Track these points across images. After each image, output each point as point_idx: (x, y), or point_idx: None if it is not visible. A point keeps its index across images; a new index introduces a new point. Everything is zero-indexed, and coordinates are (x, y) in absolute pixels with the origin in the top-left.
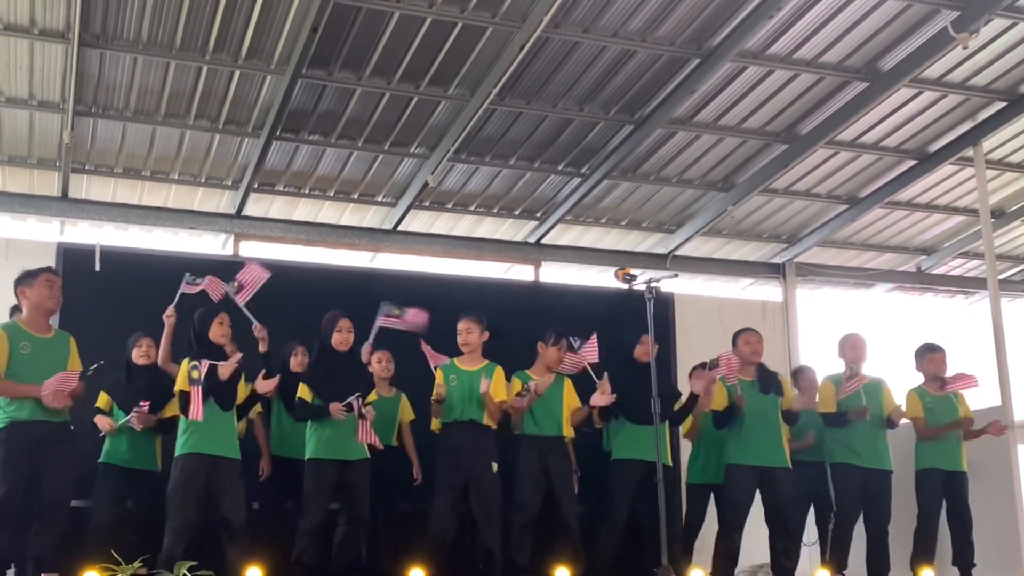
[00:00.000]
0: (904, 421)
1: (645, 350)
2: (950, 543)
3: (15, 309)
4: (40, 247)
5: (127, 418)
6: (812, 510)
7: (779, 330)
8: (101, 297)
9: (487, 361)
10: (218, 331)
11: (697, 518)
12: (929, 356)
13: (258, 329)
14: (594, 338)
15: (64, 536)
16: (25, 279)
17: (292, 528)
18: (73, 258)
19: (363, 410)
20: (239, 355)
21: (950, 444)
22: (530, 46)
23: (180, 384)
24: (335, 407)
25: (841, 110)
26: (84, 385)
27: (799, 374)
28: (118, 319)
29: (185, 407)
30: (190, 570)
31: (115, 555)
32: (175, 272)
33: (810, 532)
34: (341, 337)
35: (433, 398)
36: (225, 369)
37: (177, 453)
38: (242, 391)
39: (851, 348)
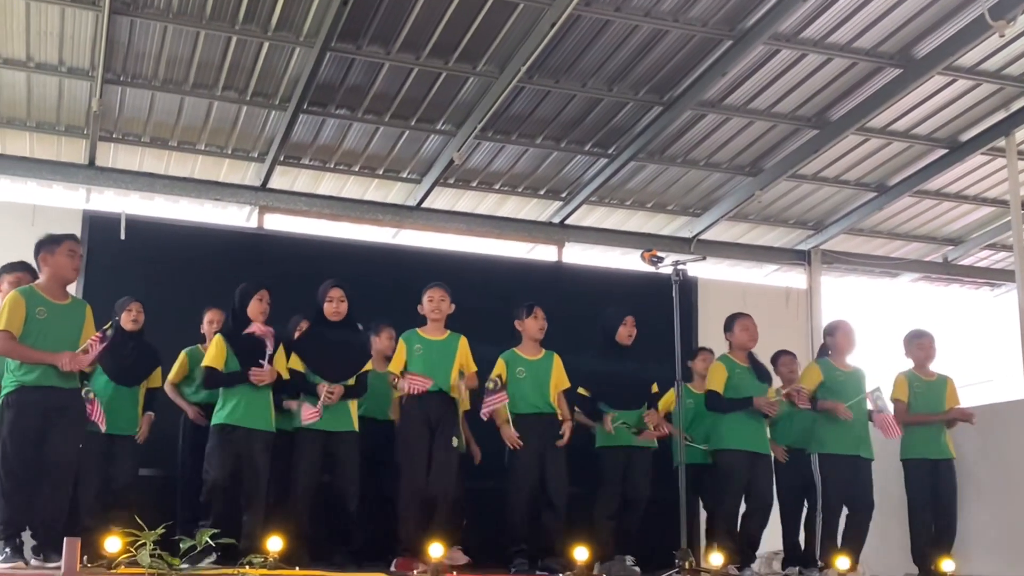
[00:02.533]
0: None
1: (628, 332)
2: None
3: (11, 267)
4: (66, 214)
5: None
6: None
7: (803, 317)
8: (125, 265)
9: (449, 332)
10: (256, 308)
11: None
12: (917, 342)
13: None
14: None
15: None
16: (47, 245)
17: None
18: (99, 226)
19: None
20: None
21: (934, 432)
22: (561, 24)
23: (210, 360)
24: (322, 389)
25: (873, 96)
26: (102, 352)
27: (779, 359)
28: (142, 287)
29: (214, 383)
30: (212, 538)
31: (138, 520)
32: (199, 242)
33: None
34: (332, 307)
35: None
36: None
37: (213, 423)
38: (283, 368)
39: (843, 335)
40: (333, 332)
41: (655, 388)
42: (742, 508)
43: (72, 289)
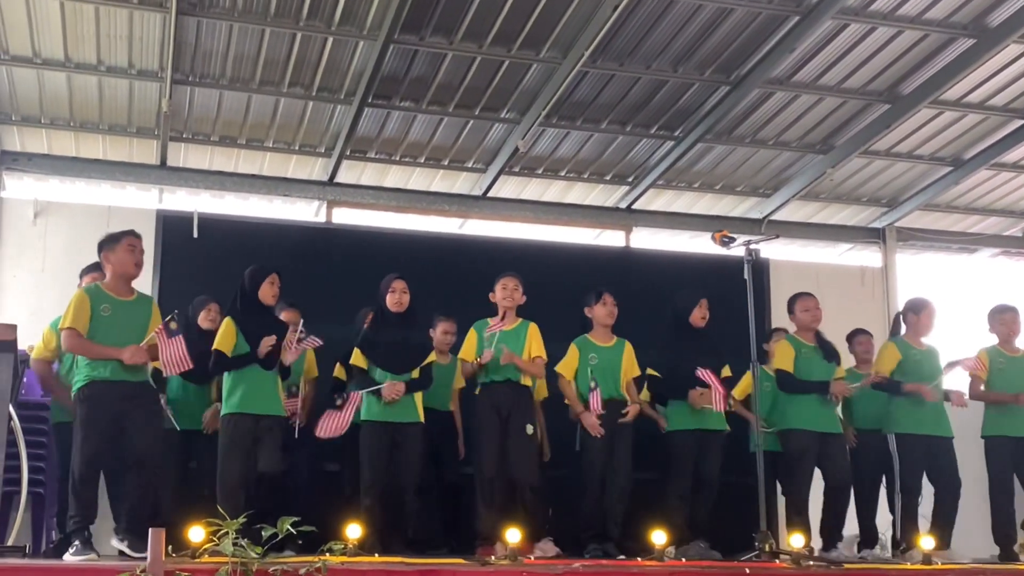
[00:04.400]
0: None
1: (702, 314)
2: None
3: (89, 269)
4: (140, 214)
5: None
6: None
7: (879, 297)
8: (199, 263)
9: (521, 320)
10: (268, 291)
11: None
12: (1000, 316)
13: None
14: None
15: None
16: (108, 243)
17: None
18: (172, 225)
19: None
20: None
21: (1019, 410)
22: (624, 6)
23: (217, 343)
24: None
25: (946, 68)
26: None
27: (855, 338)
28: (215, 284)
29: (220, 367)
30: (293, 525)
31: (221, 511)
32: (270, 238)
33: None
34: (395, 299)
35: (477, 361)
36: (287, 352)
37: (223, 413)
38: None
39: (927, 315)
40: (395, 325)
41: (727, 371)
42: (817, 489)
43: (147, 288)
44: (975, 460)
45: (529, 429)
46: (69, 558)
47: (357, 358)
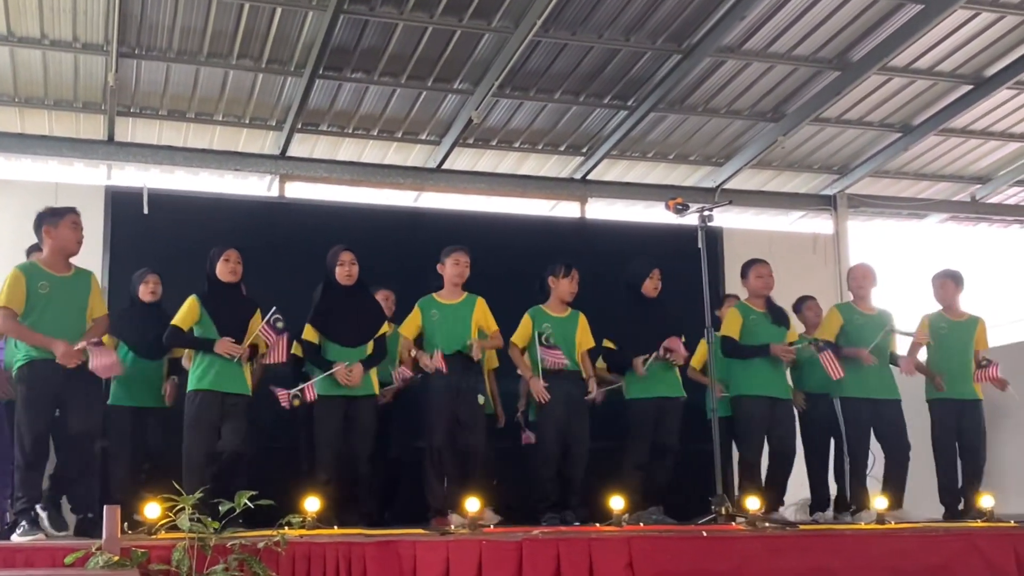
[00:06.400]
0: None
1: (654, 284)
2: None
3: (35, 247)
4: (88, 191)
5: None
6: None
7: (830, 263)
8: (150, 239)
9: (467, 294)
10: (224, 268)
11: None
12: (940, 282)
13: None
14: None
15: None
16: (49, 218)
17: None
18: (121, 201)
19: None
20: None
21: (959, 373)
22: None
23: (176, 319)
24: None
25: (895, 34)
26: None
27: (803, 303)
28: (166, 261)
29: (174, 341)
30: (251, 499)
31: (176, 486)
32: (222, 214)
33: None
34: (344, 271)
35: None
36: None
37: (189, 389)
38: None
39: (862, 278)
40: (346, 297)
41: (682, 340)
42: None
43: (97, 266)
44: (920, 423)
45: (480, 399)
46: (17, 539)
47: (309, 333)
